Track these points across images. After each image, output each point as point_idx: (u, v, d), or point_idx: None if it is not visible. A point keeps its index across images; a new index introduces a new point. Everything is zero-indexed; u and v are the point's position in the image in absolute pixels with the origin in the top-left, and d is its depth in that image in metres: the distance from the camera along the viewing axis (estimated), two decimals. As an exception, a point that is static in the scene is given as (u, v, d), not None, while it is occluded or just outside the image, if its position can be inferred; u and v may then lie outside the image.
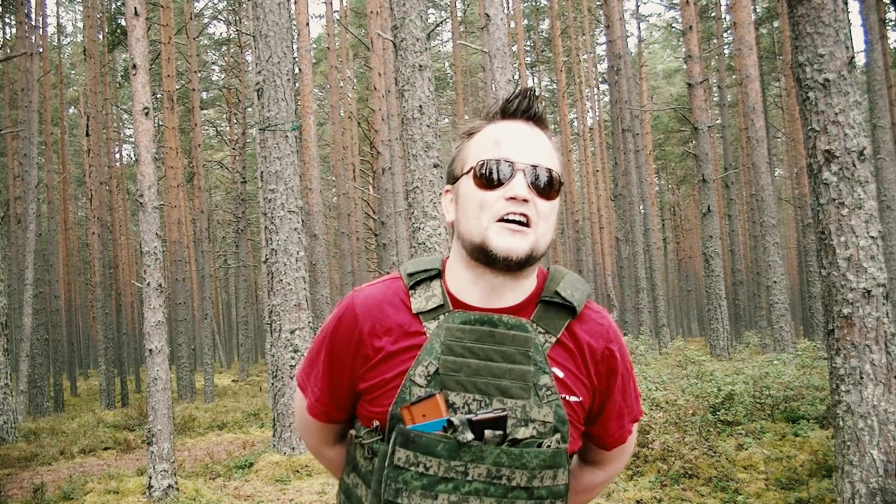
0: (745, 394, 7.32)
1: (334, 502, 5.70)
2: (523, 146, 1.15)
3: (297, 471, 7.02)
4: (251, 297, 30.62)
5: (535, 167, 1.14)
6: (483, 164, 1.14)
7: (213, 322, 31.21)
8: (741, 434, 6.67)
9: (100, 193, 18.99)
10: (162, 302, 6.34)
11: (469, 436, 1.08)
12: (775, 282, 13.53)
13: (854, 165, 3.84)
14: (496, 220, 1.12)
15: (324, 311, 16.41)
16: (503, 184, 1.13)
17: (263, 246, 8.40)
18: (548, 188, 1.14)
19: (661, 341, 18.98)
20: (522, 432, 1.11)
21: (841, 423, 3.86)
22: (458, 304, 1.17)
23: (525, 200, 1.12)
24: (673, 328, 41.86)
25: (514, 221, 1.11)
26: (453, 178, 1.22)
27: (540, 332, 1.16)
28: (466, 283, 1.18)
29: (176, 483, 6.21)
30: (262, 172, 8.03)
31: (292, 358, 7.64)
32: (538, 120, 1.19)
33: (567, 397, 1.16)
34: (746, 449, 6.19)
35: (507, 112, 1.19)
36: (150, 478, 6.14)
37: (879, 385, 3.76)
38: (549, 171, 1.15)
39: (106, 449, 10.13)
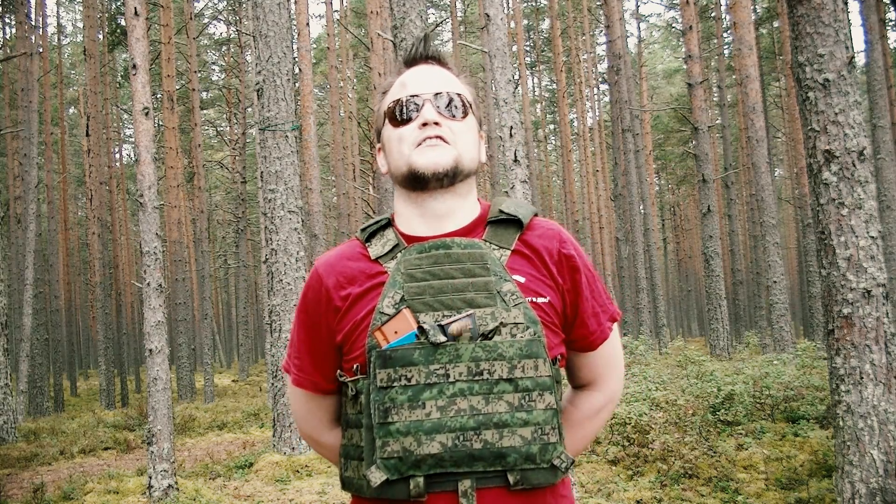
0: (745, 394, 7.32)
1: (335, 503, 5.69)
2: (425, 80, 1.26)
3: (297, 471, 7.02)
4: (251, 297, 30.62)
5: (438, 94, 1.24)
6: (394, 104, 1.26)
7: (213, 322, 31.21)
8: (741, 434, 6.67)
9: (100, 193, 18.99)
10: (162, 302, 6.34)
11: (441, 336, 1.13)
12: (775, 282, 13.53)
13: (854, 165, 3.84)
14: (416, 146, 1.22)
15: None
16: (415, 117, 1.23)
17: (263, 246, 8.40)
18: (456, 109, 1.24)
19: (661, 341, 18.98)
20: (492, 325, 1.15)
21: (841, 423, 3.86)
22: (412, 240, 1.24)
23: (436, 123, 1.21)
24: (673, 328, 41.86)
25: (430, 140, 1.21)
26: (378, 134, 1.32)
27: (494, 248, 1.22)
28: (413, 219, 1.25)
29: (176, 483, 6.21)
30: (262, 172, 8.03)
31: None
32: (438, 59, 1.30)
33: (534, 299, 1.20)
34: (746, 449, 6.19)
35: (409, 60, 1.30)
36: (150, 478, 6.14)
37: (879, 385, 3.76)
38: (455, 94, 1.25)
39: (106, 449, 10.12)
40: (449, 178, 1.21)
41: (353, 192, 21.90)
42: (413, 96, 1.24)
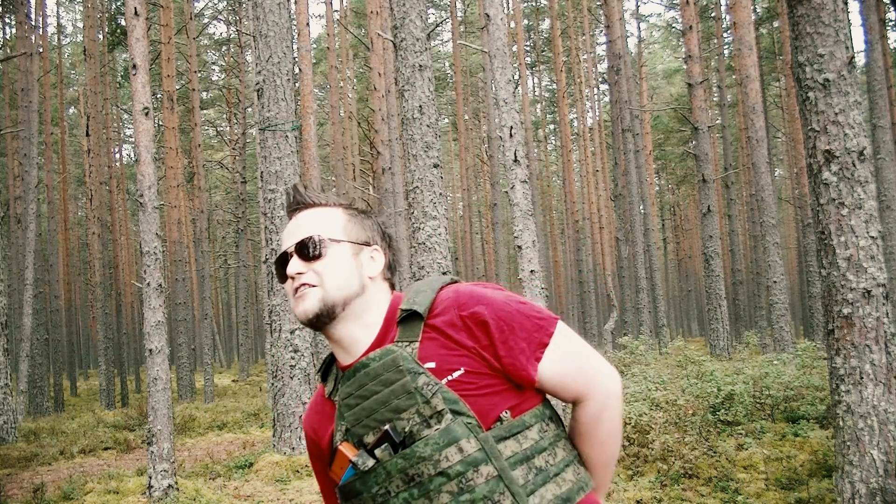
0: (745, 394, 7.32)
1: None
2: (291, 234, 1.35)
3: (297, 471, 7.02)
4: (251, 297, 30.62)
5: (298, 244, 1.32)
6: (273, 266, 1.39)
7: (213, 322, 31.21)
8: (741, 434, 6.67)
9: (100, 193, 18.99)
10: (162, 302, 6.34)
11: (370, 461, 1.22)
12: (775, 282, 13.53)
13: (854, 165, 3.84)
14: (293, 298, 1.32)
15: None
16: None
17: (263, 246, 8.40)
18: (314, 251, 1.31)
19: (661, 341, 18.98)
20: (426, 433, 1.20)
21: (841, 423, 3.86)
22: (344, 369, 1.33)
23: (300, 273, 1.30)
24: (673, 328, 41.86)
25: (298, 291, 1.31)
26: None
27: (405, 345, 1.27)
28: (336, 350, 1.35)
29: (176, 483, 6.21)
30: (262, 172, 8.03)
31: (292, 358, 7.63)
32: (304, 206, 1.38)
33: (449, 378, 1.23)
34: (746, 449, 6.19)
35: (289, 213, 1.40)
36: (150, 478, 6.14)
37: (879, 385, 3.76)
38: (308, 238, 1.32)
39: (106, 449, 10.12)
40: (323, 319, 1.29)
41: (353, 192, 21.89)
42: (283, 255, 1.33)
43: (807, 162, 4.03)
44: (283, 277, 1.34)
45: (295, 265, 1.31)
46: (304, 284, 1.29)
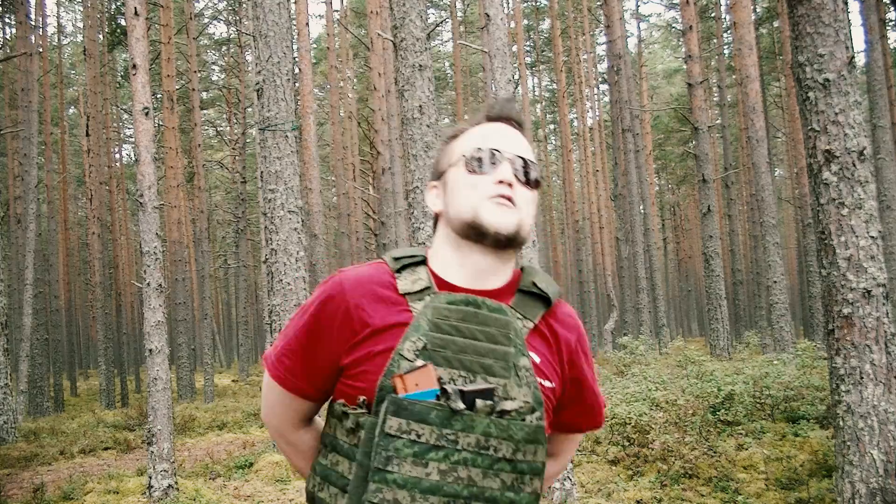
0: (745, 394, 7.32)
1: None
2: (509, 140, 1.27)
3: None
4: (251, 297, 30.61)
5: (519, 157, 1.26)
6: (475, 150, 1.25)
7: (213, 322, 31.21)
8: (741, 434, 6.67)
9: (100, 193, 18.99)
10: (162, 302, 6.34)
11: (461, 404, 1.12)
12: (775, 282, 13.53)
13: (854, 165, 3.83)
14: (488, 198, 1.21)
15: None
16: (492, 170, 1.24)
17: (263, 246, 8.40)
18: (529, 178, 1.26)
19: (661, 341, 18.97)
20: (509, 405, 1.15)
21: (841, 423, 3.85)
22: (444, 286, 1.23)
23: (510, 185, 1.22)
24: (673, 328, 41.84)
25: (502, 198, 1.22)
26: (439, 174, 1.33)
27: (518, 318, 1.23)
28: (453, 266, 1.25)
29: (176, 483, 6.21)
30: (262, 172, 8.03)
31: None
32: (518, 123, 1.32)
33: (542, 381, 1.22)
34: (746, 449, 6.19)
35: (492, 116, 1.32)
36: (150, 478, 6.14)
37: (879, 385, 3.76)
38: (532, 163, 1.28)
39: (106, 449, 10.12)
40: (507, 242, 1.21)
41: (353, 192, 21.90)
42: (496, 150, 1.24)
43: (807, 162, 4.03)
44: (480, 170, 1.23)
45: (509, 173, 1.23)
46: (510, 198, 1.21)
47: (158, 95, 21.98)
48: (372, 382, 1.16)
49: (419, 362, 1.15)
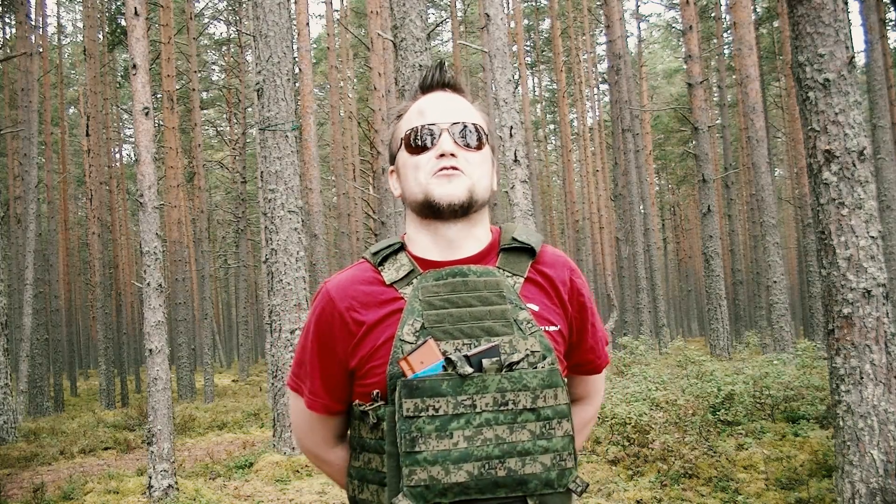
0: (745, 394, 7.32)
1: (335, 503, 5.68)
2: (443, 109, 1.27)
3: (297, 471, 7.02)
4: (251, 297, 30.61)
5: (455, 124, 1.25)
6: (411, 132, 1.27)
7: (213, 322, 31.20)
8: (741, 434, 6.67)
9: (100, 193, 18.98)
10: (162, 302, 6.34)
11: (469, 368, 1.15)
12: (775, 282, 13.53)
13: (854, 165, 3.83)
14: (432, 175, 1.23)
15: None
16: (432, 146, 1.24)
17: (263, 246, 8.40)
18: (472, 140, 1.25)
19: (661, 341, 18.97)
20: (516, 357, 1.18)
21: (841, 423, 3.86)
22: (426, 265, 1.26)
23: (452, 155, 1.23)
24: (673, 328, 41.84)
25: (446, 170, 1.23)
26: (393, 158, 1.35)
27: (507, 275, 1.26)
28: (426, 244, 1.27)
29: (176, 483, 6.21)
30: (262, 172, 8.03)
31: (292, 358, 7.63)
32: (454, 87, 1.31)
33: (547, 328, 1.24)
34: (746, 449, 6.18)
35: (426, 86, 1.32)
36: (150, 478, 6.14)
37: (879, 385, 3.76)
38: (472, 124, 1.26)
39: (106, 449, 10.12)
40: (463, 210, 1.23)
41: (353, 192, 21.90)
42: (430, 125, 1.25)
43: (807, 162, 4.03)
44: (419, 148, 1.25)
45: (449, 143, 1.23)
46: (454, 167, 1.23)
47: (158, 95, 21.98)
48: (381, 375, 1.19)
49: (420, 341, 1.17)
